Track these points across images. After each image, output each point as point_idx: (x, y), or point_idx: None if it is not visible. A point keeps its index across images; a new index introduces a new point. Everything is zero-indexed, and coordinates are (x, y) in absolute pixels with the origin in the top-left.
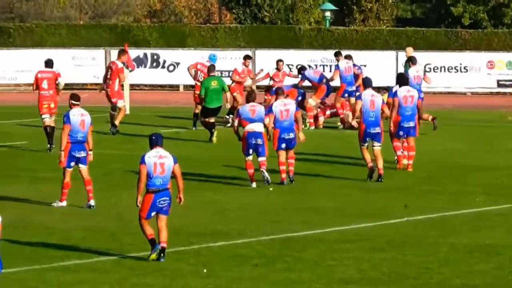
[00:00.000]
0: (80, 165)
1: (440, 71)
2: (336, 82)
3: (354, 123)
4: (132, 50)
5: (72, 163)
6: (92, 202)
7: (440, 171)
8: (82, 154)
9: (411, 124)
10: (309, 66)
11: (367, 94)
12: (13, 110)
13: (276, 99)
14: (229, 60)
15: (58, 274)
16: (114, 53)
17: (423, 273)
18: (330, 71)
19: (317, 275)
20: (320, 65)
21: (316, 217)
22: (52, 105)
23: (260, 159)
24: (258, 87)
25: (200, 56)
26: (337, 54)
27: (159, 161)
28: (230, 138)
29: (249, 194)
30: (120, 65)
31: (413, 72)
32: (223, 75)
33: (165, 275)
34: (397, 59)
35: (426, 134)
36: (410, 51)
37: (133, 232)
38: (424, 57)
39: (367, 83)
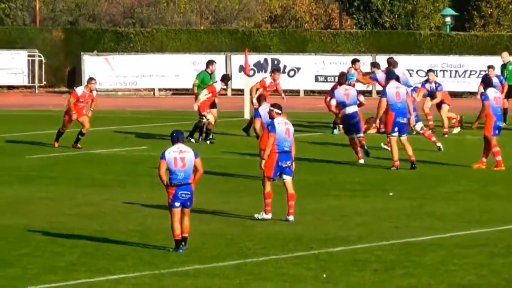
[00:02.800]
0: (284, 176)
1: None
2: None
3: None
4: (253, 55)
5: (278, 173)
6: (291, 218)
7: None
8: (288, 163)
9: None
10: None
11: (392, 87)
12: (133, 115)
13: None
14: (349, 65)
15: (177, 279)
16: (234, 58)
17: None
18: (451, 76)
19: (437, 280)
20: (440, 70)
21: (435, 222)
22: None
23: (358, 135)
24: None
25: (321, 61)
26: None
27: (180, 155)
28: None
29: (369, 200)
30: None
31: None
32: None
33: (285, 280)
34: None
35: None
36: (506, 56)
37: (253, 237)
38: None
39: (390, 75)
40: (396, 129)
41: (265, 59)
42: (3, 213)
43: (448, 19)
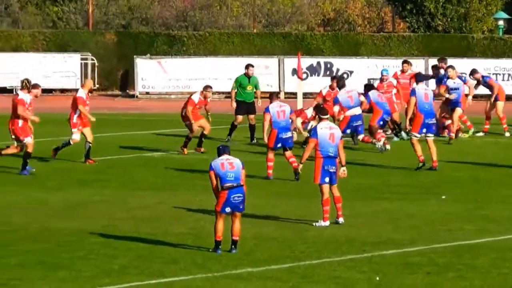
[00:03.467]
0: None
1: None
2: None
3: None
4: (305, 59)
5: (327, 179)
6: (341, 220)
7: None
8: (334, 169)
9: None
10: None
11: (421, 88)
12: None
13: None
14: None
15: (230, 282)
16: (287, 61)
17: None
18: (503, 79)
19: (489, 283)
20: (493, 74)
21: (489, 225)
22: None
23: (360, 136)
24: None
25: (373, 64)
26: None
27: (227, 161)
28: (402, 147)
29: (421, 203)
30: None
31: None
32: None
33: (337, 283)
34: None
35: None
36: None
37: (305, 240)
38: None
39: (419, 78)
40: (424, 130)
41: (318, 62)
42: (57, 217)
43: (501, 22)
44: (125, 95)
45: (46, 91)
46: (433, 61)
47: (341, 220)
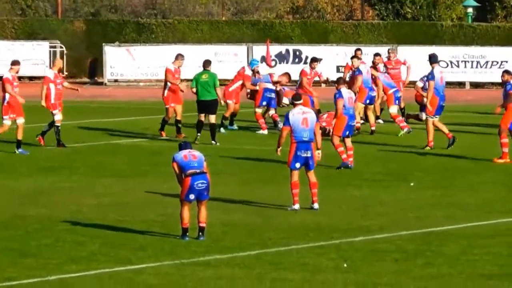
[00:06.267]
0: (306, 169)
1: None
2: None
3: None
4: (274, 46)
5: (298, 164)
6: (316, 206)
7: None
8: (308, 153)
9: None
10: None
11: (437, 71)
12: (154, 106)
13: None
14: (371, 56)
15: (198, 269)
16: (256, 49)
17: None
18: (472, 67)
19: (457, 270)
20: (462, 61)
21: (457, 212)
22: None
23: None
24: None
25: (343, 52)
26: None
27: (190, 153)
28: (375, 137)
29: (390, 190)
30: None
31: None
32: None
33: (306, 270)
34: None
35: None
36: None
37: (274, 227)
38: None
39: (434, 59)
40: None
41: (287, 50)
42: (24, 204)
43: (470, 10)
44: (94, 83)
45: None
46: (402, 49)
47: (316, 205)
